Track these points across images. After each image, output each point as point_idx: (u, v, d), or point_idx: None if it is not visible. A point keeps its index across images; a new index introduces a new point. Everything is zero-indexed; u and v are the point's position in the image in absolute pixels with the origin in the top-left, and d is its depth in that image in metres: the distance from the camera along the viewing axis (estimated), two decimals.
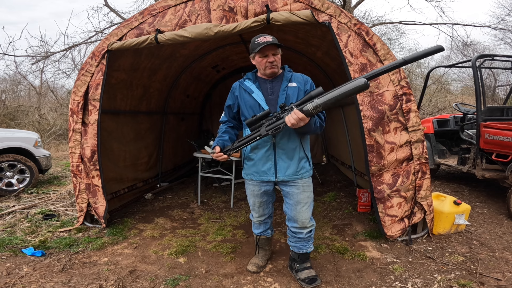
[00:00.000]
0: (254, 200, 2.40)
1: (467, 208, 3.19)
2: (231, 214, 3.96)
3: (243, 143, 2.14)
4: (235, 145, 2.17)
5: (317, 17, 2.78)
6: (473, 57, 4.20)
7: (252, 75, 2.30)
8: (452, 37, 11.93)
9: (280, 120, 2.01)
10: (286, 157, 2.20)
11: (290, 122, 1.90)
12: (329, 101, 1.80)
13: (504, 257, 2.71)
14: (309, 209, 2.30)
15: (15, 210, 4.16)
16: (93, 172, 3.38)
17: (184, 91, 5.83)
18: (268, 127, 2.04)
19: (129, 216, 3.93)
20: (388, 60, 2.77)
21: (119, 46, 3.17)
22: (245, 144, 2.14)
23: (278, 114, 2.04)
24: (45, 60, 11.59)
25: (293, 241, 2.41)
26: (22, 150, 5.29)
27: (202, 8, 3.03)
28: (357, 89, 1.75)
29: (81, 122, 3.34)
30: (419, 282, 2.36)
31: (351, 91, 1.76)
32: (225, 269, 2.64)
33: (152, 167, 5.09)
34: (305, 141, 2.28)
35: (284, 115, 2.00)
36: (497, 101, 12.87)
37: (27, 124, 11.49)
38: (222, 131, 2.34)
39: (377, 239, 3.05)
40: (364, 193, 3.88)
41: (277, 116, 2.04)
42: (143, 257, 2.87)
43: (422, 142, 2.84)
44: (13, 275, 2.53)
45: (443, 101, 13.46)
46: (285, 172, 2.21)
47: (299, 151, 2.23)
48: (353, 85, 1.75)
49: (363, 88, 1.73)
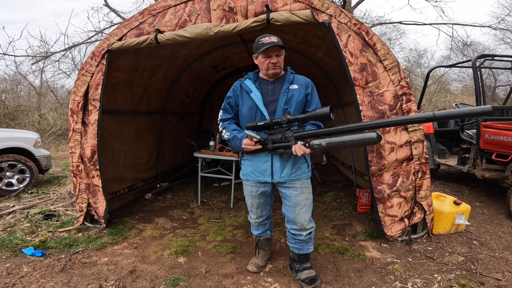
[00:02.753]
0: (252, 201, 2.39)
1: (467, 208, 3.19)
2: (231, 214, 3.96)
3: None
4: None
5: (317, 17, 2.78)
6: (473, 57, 4.20)
7: (254, 75, 2.30)
8: (452, 37, 11.95)
9: (286, 145, 2.05)
10: (283, 159, 2.19)
11: (295, 152, 1.97)
12: (335, 144, 1.81)
13: (504, 257, 2.71)
14: (308, 211, 2.27)
15: (15, 210, 4.16)
16: (93, 172, 3.38)
17: (184, 91, 5.83)
18: (275, 145, 2.09)
19: (129, 216, 3.93)
20: (388, 60, 2.77)
21: (119, 46, 3.17)
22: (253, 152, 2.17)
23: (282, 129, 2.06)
24: (45, 60, 11.60)
25: (293, 243, 2.40)
26: (22, 150, 5.28)
27: (202, 8, 3.03)
28: (367, 142, 1.70)
29: (81, 122, 3.34)
30: (419, 282, 2.36)
31: (360, 142, 1.71)
32: (225, 269, 2.64)
33: (152, 167, 5.09)
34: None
35: (288, 138, 2.03)
36: (497, 101, 12.87)
37: (27, 124, 11.49)
38: (232, 127, 2.29)
39: (377, 239, 3.05)
40: (364, 193, 3.88)
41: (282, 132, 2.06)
42: (143, 257, 2.87)
43: (422, 142, 2.84)
44: (13, 275, 2.53)
45: (443, 101, 13.48)
46: (280, 174, 2.20)
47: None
48: (364, 137, 1.68)
49: (374, 143, 1.67)
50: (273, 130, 2.10)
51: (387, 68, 2.78)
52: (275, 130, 2.09)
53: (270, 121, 2.06)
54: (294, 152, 1.97)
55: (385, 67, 2.79)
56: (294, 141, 2.01)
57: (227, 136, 2.28)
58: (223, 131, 2.31)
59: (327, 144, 1.82)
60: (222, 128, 2.33)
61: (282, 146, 2.06)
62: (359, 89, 2.83)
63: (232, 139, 2.22)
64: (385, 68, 2.79)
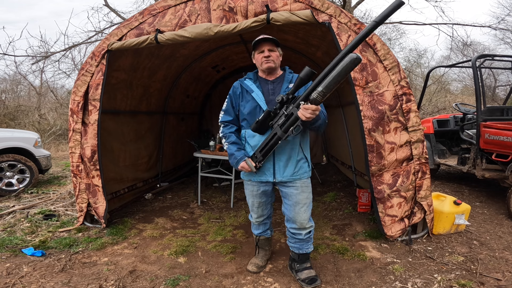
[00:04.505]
0: (253, 200, 2.40)
1: (467, 208, 3.19)
2: (231, 214, 3.96)
3: (267, 151, 2.13)
4: (258, 157, 2.15)
5: (317, 17, 2.78)
6: (473, 57, 4.20)
7: (253, 75, 2.31)
8: (452, 37, 11.93)
9: (291, 118, 2.00)
10: (285, 158, 2.20)
11: (305, 116, 1.88)
12: (330, 84, 1.79)
13: (504, 257, 2.71)
14: (307, 210, 2.29)
15: (15, 210, 4.16)
16: (93, 172, 3.38)
17: (184, 91, 5.83)
18: (283, 127, 2.04)
19: (129, 216, 3.93)
20: (388, 60, 2.77)
21: (119, 46, 3.17)
22: (269, 152, 2.13)
23: (282, 112, 2.04)
24: (45, 60, 11.59)
25: (293, 242, 2.41)
26: (22, 150, 5.28)
27: (202, 8, 3.03)
28: (351, 65, 1.73)
29: (81, 122, 3.34)
30: (419, 282, 2.36)
31: (346, 69, 1.74)
32: (225, 269, 2.64)
33: (152, 167, 5.09)
34: (304, 142, 2.28)
35: (290, 111, 2.00)
36: (497, 101, 12.86)
37: (27, 124, 11.49)
38: (232, 139, 2.28)
39: (377, 239, 3.05)
40: (364, 193, 3.88)
41: (283, 114, 2.04)
42: (143, 257, 2.87)
43: (422, 142, 2.84)
44: (13, 275, 2.53)
45: (443, 101, 13.47)
46: (283, 173, 2.21)
47: (298, 152, 2.22)
48: (346, 63, 1.72)
49: (357, 62, 1.71)
50: (275, 117, 2.09)
51: (387, 68, 2.78)
52: (277, 116, 2.08)
53: (267, 110, 2.07)
54: (303, 117, 1.89)
55: (385, 67, 2.79)
56: (297, 108, 1.97)
57: (225, 147, 2.30)
58: (223, 140, 2.32)
59: (324, 87, 1.80)
60: (223, 135, 2.33)
61: (289, 122, 2.01)
62: (359, 89, 2.83)
63: (230, 156, 2.25)
64: (385, 68, 2.79)
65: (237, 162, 2.20)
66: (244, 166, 2.18)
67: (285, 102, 2.04)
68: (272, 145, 2.10)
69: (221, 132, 2.34)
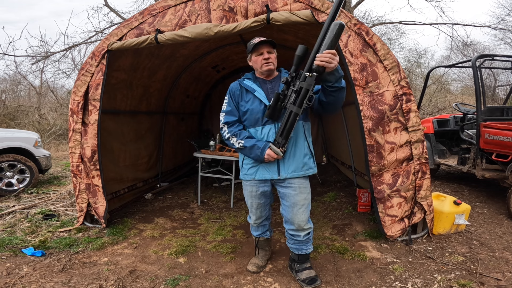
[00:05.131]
0: (251, 201, 2.38)
1: (467, 208, 3.19)
2: (231, 214, 3.96)
3: (287, 133, 2.06)
4: (280, 141, 2.08)
5: (317, 17, 2.78)
6: (473, 57, 4.20)
7: (252, 75, 2.31)
8: (452, 37, 11.94)
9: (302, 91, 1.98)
10: (290, 153, 2.17)
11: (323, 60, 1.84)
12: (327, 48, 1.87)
13: (504, 257, 2.71)
14: (306, 211, 2.26)
15: (15, 210, 4.16)
16: (93, 172, 3.38)
17: (184, 91, 5.83)
18: (297, 103, 2.00)
19: (129, 216, 3.93)
20: (388, 60, 2.77)
21: (119, 46, 3.17)
22: (289, 133, 2.07)
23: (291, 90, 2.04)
24: (45, 60, 11.60)
25: (292, 243, 2.40)
26: (22, 150, 5.28)
27: (202, 8, 3.03)
28: (338, 32, 1.84)
29: (81, 122, 3.34)
30: (419, 282, 2.36)
31: (336, 35, 1.85)
32: (225, 269, 2.64)
33: (152, 167, 5.09)
34: (309, 135, 2.26)
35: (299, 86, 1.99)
36: (497, 101, 12.86)
37: (27, 124, 11.49)
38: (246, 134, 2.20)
39: (377, 239, 3.05)
40: (364, 193, 3.88)
41: (292, 92, 2.03)
42: (143, 257, 2.87)
43: (422, 142, 2.84)
44: (13, 275, 2.53)
45: (443, 101, 13.47)
46: (288, 169, 2.18)
47: (303, 147, 2.20)
48: (333, 31, 1.84)
49: (342, 28, 1.84)
50: (284, 99, 2.07)
51: (387, 68, 2.79)
52: (286, 97, 2.06)
53: (277, 93, 2.05)
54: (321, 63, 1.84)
55: (385, 67, 2.79)
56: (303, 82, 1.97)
57: (241, 145, 2.15)
58: (234, 139, 2.19)
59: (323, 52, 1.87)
60: (232, 134, 2.21)
61: (301, 96, 1.99)
62: (359, 89, 2.83)
63: (251, 148, 2.12)
64: (385, 68, 2.79)
65: (261, 151, 2.09)
66: (270, 154, 2.09)
67: (290, 82, 2.05)
68: (291, 125, 2.04)
69: (228, 132, 2.23)
